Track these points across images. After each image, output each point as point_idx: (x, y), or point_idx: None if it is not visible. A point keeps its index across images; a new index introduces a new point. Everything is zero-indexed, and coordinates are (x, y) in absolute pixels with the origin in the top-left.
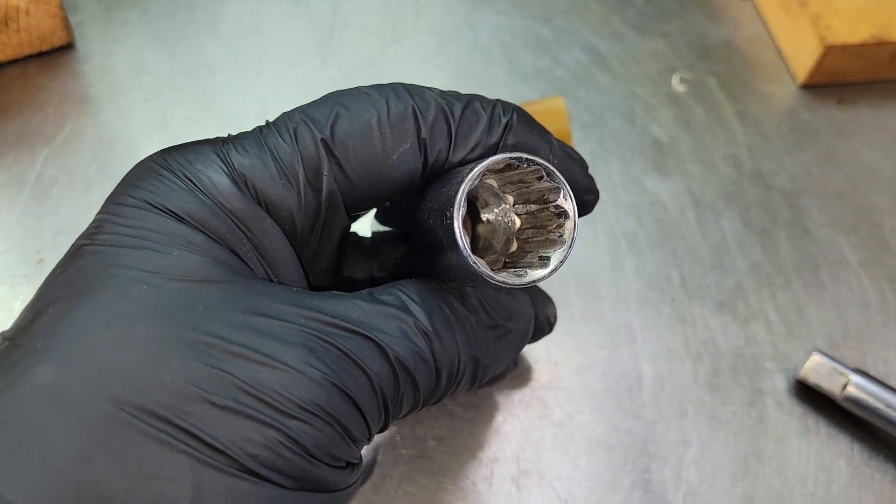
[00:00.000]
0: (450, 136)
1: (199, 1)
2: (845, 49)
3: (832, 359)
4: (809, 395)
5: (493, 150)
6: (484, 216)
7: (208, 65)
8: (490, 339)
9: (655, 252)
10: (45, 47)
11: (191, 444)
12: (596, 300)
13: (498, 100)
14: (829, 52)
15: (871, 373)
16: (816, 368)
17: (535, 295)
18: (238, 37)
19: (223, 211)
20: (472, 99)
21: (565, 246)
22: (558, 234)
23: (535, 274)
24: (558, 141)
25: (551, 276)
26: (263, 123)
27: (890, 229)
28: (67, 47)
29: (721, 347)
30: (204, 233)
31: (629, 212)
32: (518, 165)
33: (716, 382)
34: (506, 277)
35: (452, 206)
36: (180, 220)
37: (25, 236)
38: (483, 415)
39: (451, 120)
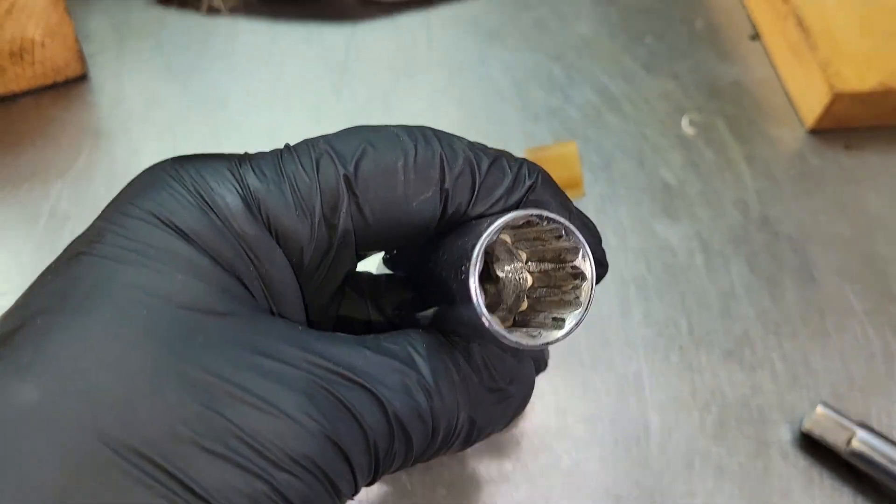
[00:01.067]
0: (473, 190)
1: (213, 33)
2: (853, 97)
3: (837, 412)
4: (814, 447)
5: (513, 209)
6: (496, 272)
7: (221, 97)
8: (489, 401)
9: (664, 298)
10: (59, 79)
11: (173, 489)
12: (605, 346)
13: (524, 160)
14: (838, 99)
15: (875, 424)
16: (821, 421)
17: None
18: (251, 69)
19: (233, 235)
20: (500, 156)
21: (581, 308)
22: (574, 296)
23: (548, 336)
24: (577, 210)
25: (566, 338)
26: (283, 147)
27: (895, 278)
28: (81, 78)
29: (728, 397)
30: (211, 257)
31: (638, 256)
32: (537, 223)
33: (722, 433)
34: (519, 338)
35: (469, 261)
36: (188, 240)
37: (39, 271)
38: (493, 462)
39: (477, 174)
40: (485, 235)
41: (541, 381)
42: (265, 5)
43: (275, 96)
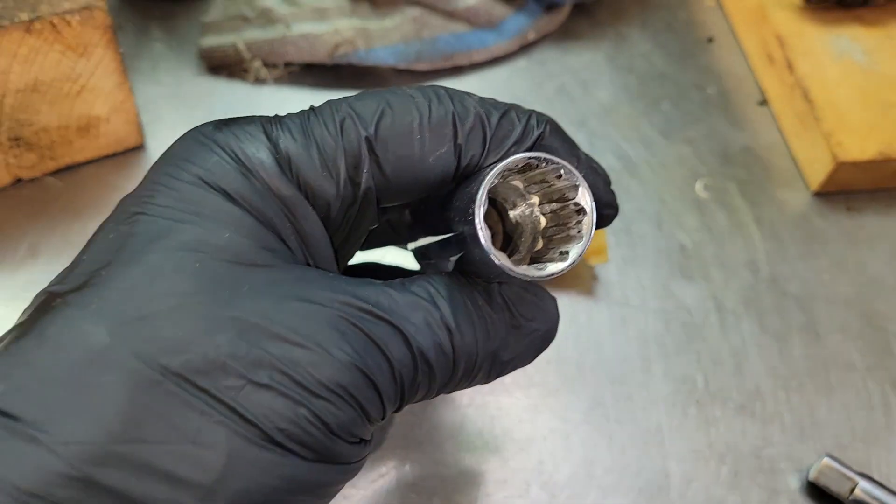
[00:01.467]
0: (484, 143)
1: (260, 101)
2: (855, 165)
3: (841, 463)
4: (820, 496)
5: None
6: (511, 216)
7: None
8: (512, 337)
9: (681, 355)
10: (119, 149)
11: (227, 416)
12: (628, 402)
13: (533, 111)
14: (841, 167)
15: (875, 473)
16: (826, 472)
17: None
18: None
19: (272, 196)
20: (509, 109)
21: (583, 241)
22: (577, 230)
23: (553, 267)
24: (586, 154)
25: (569, 269)
26: (309, 109)
27: (893, 335)
28: (139, 148)
29: (741, 448)
30: (253, 216)
31: (658, 316)
32: (538, 165)
33: (736, 482)
34: (525, 270)
35: (474, 203)
36: (234, 201)
37: None
38: None
39: (488, 127)
40: (488, 178)
41: (571, 433)
42: (308, 75)
43: None
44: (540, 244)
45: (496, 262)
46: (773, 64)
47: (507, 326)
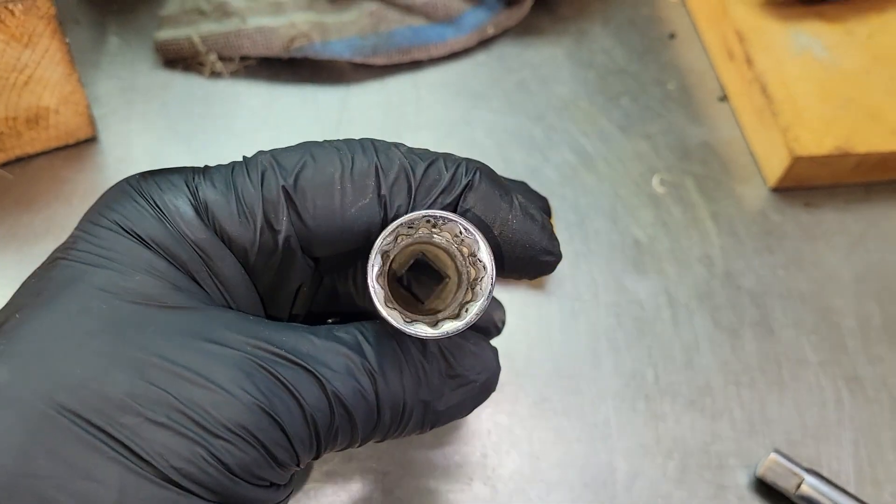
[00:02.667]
0: (410, 193)
1: (215, 95)
2: (812, 160)
3: (788, 459)
4: (768, 491)
5: (453, 208)
6: (444, 271)
7: (223, 156)
8: (447, 387)
9: (632, 350)
10: (70, 141)
11: (121, 453)
12: (577, 395)
13: (466, 159)
14: (797, 162)
15: (825, 470)
16: (773, 468)
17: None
18: (250, 129)
19: (186, 240)
20: (437, 158)
21: (481, 300)
22: (480, 288)
23: (449, 326)
24: (523, 200)
25: (466, 328)
26: (239, 160)
27: (847, 330)
28: (91, 140)
29: (689, 444)
30: (167, 259)
31: (609, 310)
32: (436, 222)
33: (683, 477)
34: (417, 329)
35: (367, 262)
36: (147, 245)
37: None
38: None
39: (412, 179)
40: (381, 236)
41: (516, 427)
42: (264, 69)
43: None
44: (470, 295)
45: (387, 319)
46: (732, 60)
47: (441, 376)
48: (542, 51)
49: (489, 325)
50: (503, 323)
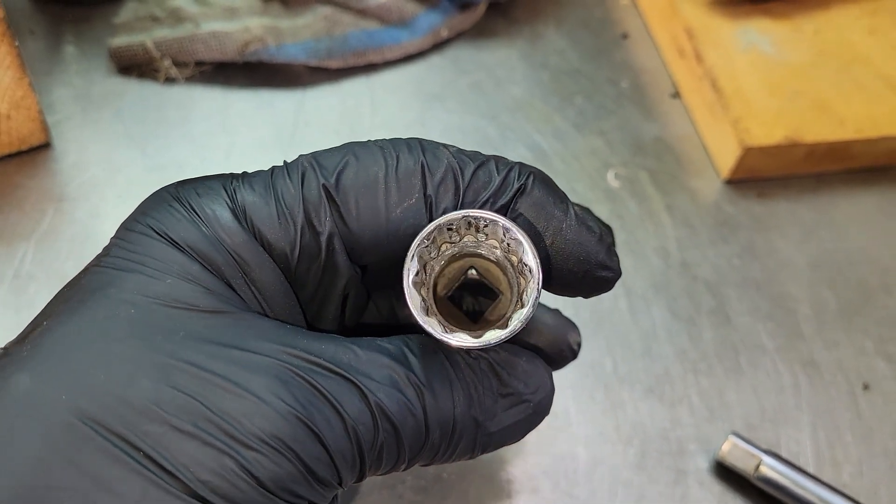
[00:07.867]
0: (457, 196)
1: (170, 101)
2: (762, 150)
3: (747, 441)
4: (727, 474)
5: (504, 212)
6: (500, 287)
7: (178, 162)
8: (500, 406)
9: (590, 340)
10: (23, 147)
11: (144, 464)
12: None
13: (519, 163)
14: (748, 153)
15: (784, 453)
16: (732, 451)
17: (560, 321)
18: (206, 134)
19: (222, 244)
20: (488, 160)
21: (526, 308)
22: (525, 295)
23: (491, 335)
24: (580, 209)
25: (510, 336)
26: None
27: (803, 317)
28: (44, 146)
29: (649, 430)
30: (201, 263)
31: (566, 302)
32: (477, 224)
33: (644, 463)
34: (453, 338)
35: (402, 267)
36: (180, 248)
37: (3, 330)
38: (432, 496)
39: (460, 179)
40: (417, 239)
41: None
42: (219, 74)
43: (229, 161)
44: (519, 306)
45: (424, 326)
46: (683, 57)
47: (493, 394)
48: (496, 53)
49: (563, 347)
50: (579, 345)
